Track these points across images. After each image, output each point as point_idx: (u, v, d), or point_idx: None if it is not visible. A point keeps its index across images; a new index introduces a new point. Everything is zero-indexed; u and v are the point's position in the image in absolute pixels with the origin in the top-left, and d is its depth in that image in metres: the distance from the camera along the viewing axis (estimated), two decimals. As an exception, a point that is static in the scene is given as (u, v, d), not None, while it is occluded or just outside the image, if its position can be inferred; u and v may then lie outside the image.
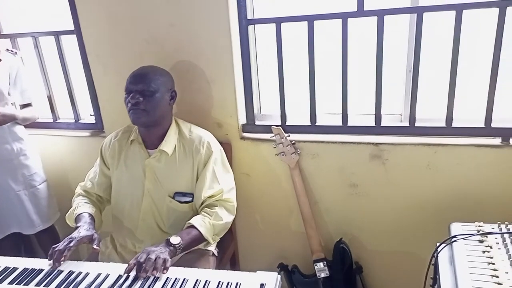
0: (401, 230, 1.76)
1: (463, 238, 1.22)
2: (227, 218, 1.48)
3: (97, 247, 1.32)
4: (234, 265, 1.99)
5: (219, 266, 1.67)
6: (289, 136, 1.75)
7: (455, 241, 1.24)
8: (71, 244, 1.29)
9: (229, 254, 1.87)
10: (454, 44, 1.50)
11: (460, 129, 1.61)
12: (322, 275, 1.78)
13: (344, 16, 1.58)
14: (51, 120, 2.20)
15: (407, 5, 1.56)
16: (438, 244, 1.28)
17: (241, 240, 2.02)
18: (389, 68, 1.64)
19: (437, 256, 1.27)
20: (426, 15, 1.50)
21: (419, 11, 1.50)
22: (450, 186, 1.63)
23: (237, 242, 2.01)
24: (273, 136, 1.76)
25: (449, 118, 1.61)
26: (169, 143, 1.49)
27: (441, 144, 1.60)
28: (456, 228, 1.30)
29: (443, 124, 1.62)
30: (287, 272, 1.89)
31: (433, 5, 1.49)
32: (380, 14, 1.54)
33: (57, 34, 2.01)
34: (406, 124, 1.67)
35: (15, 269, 1.29)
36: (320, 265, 1.78)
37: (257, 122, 1.87)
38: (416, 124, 1.65)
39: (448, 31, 1.51)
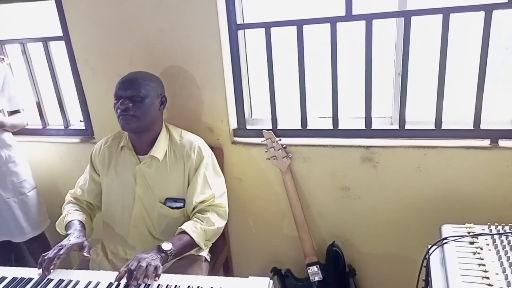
0: (393, 232, 1.76)
1: (454, 240, 1.23)
2: (219, 223, 1.47)
3: (87, 255, 1.31)
4: (227, 270, 1.98)
5: (212, 271, 1.66)
6: (280, 140, 1.75)
7: (446, 243, 1.25)
8: (61, 252, 1.27)
9: (222, 259, 1.86)
10: (442, 47, 1.52)
11: (449, 131, 1.62)
12: (316, 278, 1.78)
13: (333, 21, 1.59)
14: (40, 127, 2.18)
15: (395, 9, 1.57)
16: (429, 246, 1.29)
17: (234, 245, 2.02)
18: (378, 72, 1.65)
19: (428, 258, 1.27)
20: (414, 19, 1.51)
21: (406, 15, 1.52)
22: (440, 188, 1.64)
23: (230, 247, 2.00)
24: (264, 140, 1.76)
25: (438, 121, 1.62)
26: (160, 149, 1.48)
27: (431, 146, 1.61)
28: (447, 230, 1.31)
29: (433, 127, 1.64)
30: (280, 276, 1.88)
31: (420, 9, 1.51)
32: (368, 19, 1.55)
33: (45, 40, 1.99)
34: (396, 127, 1.68)
35: (3, 278, 1.27)
36: (313, 268, 1.78)
37: (248, 127, 1.87)
38: (406, 127, 1.66)
39: (436, 35, 1.53)
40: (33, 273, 1.28)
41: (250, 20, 1.75)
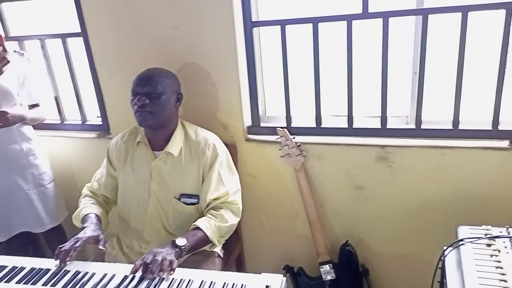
0: (407, 232, 1.75)
1: (470, 242, 1.21)
2: (233, 220, 1.48)
3: (102, 248, 1.33)
4: (239, 266, 1.99)
5: (225, 267, 1.67)
6: (294, 138, 1.75)
7: (462, 244, 1.23)
8: (77, 244, 1.30)
9: (234, 256, 1.87)
10: (460, 46, 1.50)
11: (467, 131, 1.60)
12: (328, 277, 1.78)
13: (349, 18, 1.58)
14: (58, 122, 2.22)
15: (412, 7, 1.55)
16: (445, 248, 1.27)
17: (247, 242, 2.02)
18: (394, 70, 1.63)
19: (444, 259, 1.26)
20: (431, 17, 1.49)
21: (424, 13, 1.50)
22: (457, 189, 1.61)
23: (242, 244, 2.01)
24: (278, 138, 1.76)
25: (455, 121, 1.60)
26: (175, 145, 1.49)
27: (448, 146, 1.59)
28: (464, 231, 1.29)
29: (450, 127, 1.62)
30: (292, 274, 1.88)
31: (438, 7, 1.48)
32: (385, 16, 1.54)
33: (63, 37, 2.02)
34: (413, 126, 1.66)
35: (22, 268, 1.30)
36: (326, 267, 1.78)
37: (262, 124, 1.87)
38: (423, 126, 1.64)
39: (454, 33, 1.50)
40: (50, 264, 1.31)
41: (265, 18, 1.75)
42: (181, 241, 1.32)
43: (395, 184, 1.69)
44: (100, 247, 1.33)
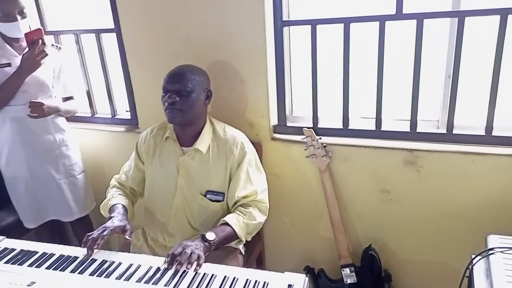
0: (434, 239, 1.71)
1: (501, 252, 1.18)
2: (260, 218, 1.49)
3: (129, 238, 1.36)
4: (260, 265, 2.00)
5: (246, 265, 1.68)
6: (320, 138, 1.74)
7: (492, 253, 1.20)
8: (105, 233, 1.33)
9: (255, 254, 1.88)
10: (497, 50, 1.45)
11: (500, 138, 1.55)
12: (349, 281, 1.76)
13: (382, 19, 1.56)
14: (89, 115, 2.29)
15: (448, 9, 1.52)
16: (473, 256, 1.24)
17: (268, 241, 2.03)
18: (426, 73, 1.60)
19: (472, 268, 1.23)
20: (468, 19, 1.45)
21: (460, 16, 1.46)
22: (487, 197, 1.57)
23: (264, 242, 2.02)
24: (304, 138, 1.75)
25: (489, 126, 1.55)
26: (203, 142, 1.51)
27: (479, 153, 1.55)
28: (494, 240, 1.25)
29: (483, 133, 1.57)
30: (313, 276, 1.87)
31: (476, 10, 1.44)
32: (420, 18, 1.51)
33: (98, 32, 2.08)
34: (443, 131, 1.63)
35: (52, 255, 1.34)
36: (348, 270, 1.76)
37: (288, 124, 1.87)
38: (454, 132, 1.60)
39: (490, 36, 1.46)
40: (78, 252, 1.35)
41: (295, 17, 1.75)
42: (210, 235, 1.33)
43: (422, 189, 1.66)
44: (127, 236, 1.36)
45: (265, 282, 1.16)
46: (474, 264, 1.23)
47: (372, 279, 1.76)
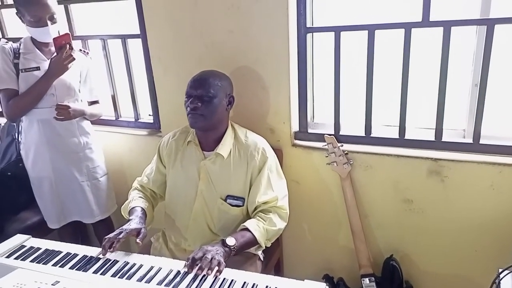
0: (458, 252, 1.67)
1: (530, 267, 1.14)
2: (280, 224, 1.49)
3: (139, 241, 1.35)
4: (278, 271, 1.99)
5: (264, 271, 1.68)
6: (342, 145, 1.72)
7: (520, 268, 1.17)
8: (121, 236, 1.35)
9: (274, 260, 1.87)
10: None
11: (529, 148, 1.50)
12: (369, 291, 1.73)
13: (408, 26, 1.54)
14: (114, 118, 2.33)
15: (475, 16, 1.49)
16: (500, 270, 1.20)
17: (287, 248, 2.02)
18: (451, 81, 1.57)
19: (499, 283, 1.19)
20: (497, 27, 1.42)
21: (490, 23, 1.43)
22: (515, 209, 1.52)
23: (282, 249, 2.00)
24: (325, 145, 1.74)
25: (517, 137, 1.51)
26: (225, 147, 1.52)
27: (507, 163, 1.51)
28: (522, 254, 1.21)
29: (510, 143, 1.53)
30: (332, 285, 1.85)
31: (506, 17, 1.41)
32: (447, 25, 1.48)
33: (124, 37, 2.12)
34: (470, 140, 1.59)
35: (75, 255, 1.37)
36: (368, 280, 1.73)
37: (309, 130, 1.86)
38: (481, 141, 1.56)
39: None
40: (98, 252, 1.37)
41: (319, 24, 1.74)
42: (231, 241, 1.34)
43: (447, 200, 1.62)
44: (138, 240, 1.35)
45: (285, 290, 1.15)
46: (501, 279, 1.20)
47: (393, 290, 1.73)
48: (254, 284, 1.18)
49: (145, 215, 1.52)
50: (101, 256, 1.34)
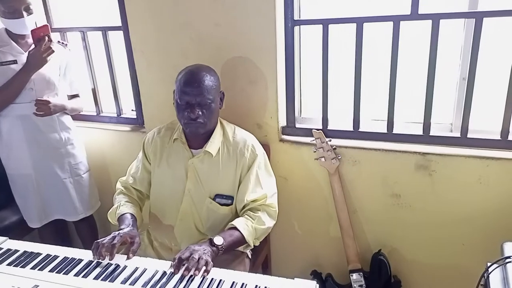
0: (445, 246, 1.67)
1: (519, 260, 1.14)
2: (269, 223, 1.46)
3: (131, 255, 1.28)
4: (266, 268, 1.96)
5: (252, 268, 1.65)
6: (330, 140, 1.70)
7: (509, 262, 1.16)
8: (115, 241, 1.28)
9: (262, 258, 1.85)
10: (515, 52, 1.41)
11: (516, 142, 1.51)
12: (358, 286, 1.72)
13: (397, 19, 1.52)
14: (95, 113, 2.26)
15: (464, 9, 1.48)
16: (489, 264, 1.20)
17: (275, 245, 1.99)
18: (439, 75, 1.56)
19: (487, 276, 1.19)
20: (486, 20, 1.41)
21: (478, 16, 1.42)
22: (502, 203, 1.53)
23: (270, 246, 1.98)
24: (313, 140, 1.72)
25: (504, 130, 1.51)
26: (214, 145, 1.47)
27: (494, 157, 1.51)
28: (510, 248, 1.21)
29: (498, 137, 1.53)
30: (320, 280, 1.84)
31: (495, 11, 1.40)
32: (436, 18, 1.47)
33: (104, 30, 2.05)
34: (457, 134, 1.59)
35: (56, 257, 1.31)
36: (357, 276, 1.73)
37: (297, 125, 1.83)
38: (468, 135, 1.56)
39: (505, 37, 1.42)
40: (83, 254, 1.31)
41: (306, 17, 1.71)
42: (218, 240, 1.30)
43: (434, 194, 1.62)
44: (130, 255, 1.28)
45: (274, 289, 1.13)
46: (490, 273, 1.19)
47: (381, 284, 1.73)
48: (243, 284, 1.15)
49: (136, 221, 1.47)
50: (87, 259, 1.28)
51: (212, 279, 1.18)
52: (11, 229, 2.07)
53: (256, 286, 1.14)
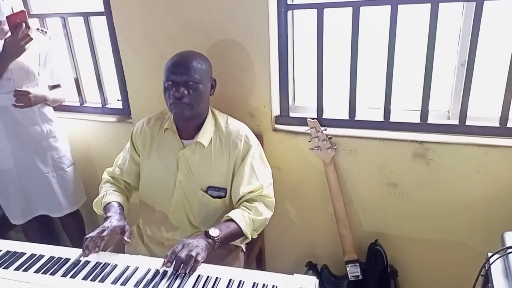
0: (443, 235, 1.65)
1: (523, 251, 1.12)
2: (267, 214, 1.41)
3: (128, 239, 1.27)
4: (260, 260, 1.92)
5: (247, 261, 1.61)
6: (325, 130, 1.66)
7: (511, 252, 1.14)
8: (104, 234, 1.24)
9: (256, 250, 1.80)
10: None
11: (515, 129, 1.49)
12: (354, 277, 1.70)
13: (394, 2, 1.46)
14: (78, 104, 2.16)
15: (464, -8, 1.43)
16: (490, 255, 1.18)
17: (269, 237, 1.95)
18: (436, 61, 1.52)
19: (489, 267, 1.17)
20: (487, 4, 1.37)
21: (479, 0, 1.37)
22: (501, 191, 1.51)
23: (264, 239, 1.94)
24: (308, 129, 1.67)
25: (503, 117, 1.49)
26: (206, 135, 1.42)
27: (493, 145, 1.48)
28: (511, 238, 1.19)
29: (497, 124, 1.50)
30: (315, 272, 1.81)
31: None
32: (435, 2, 1.42)
33: (86, 15, 1.95)
34: (455, 122, 1.55)
35: (41, 256, 1.25)
36: (353, 267, 1.70)
37: (291, 114, 1.78)
38: (467, 123, 1.53)
39: (505, 22, 1.38)
40: (70, 253, 1.25)
41: (300, 1, 1.64)
42: (214, 232, 1.25)
43: (432, 183, 1.60)
44: (126, 238, 1.27)
45: (274, 286, 1.08)
46: (491, 263, 1.17)
47: (378, 274, 1.71)
48: (240, 281, 1.11)
49: (123, 210, 1.41)
50: (81, 258, 1.22)
51: (208, 277, 1.13)
52: (-8, 226, 1.99)
53: (254, 283, 1.10)
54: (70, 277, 1.15)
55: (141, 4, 1.72)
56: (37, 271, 1.18)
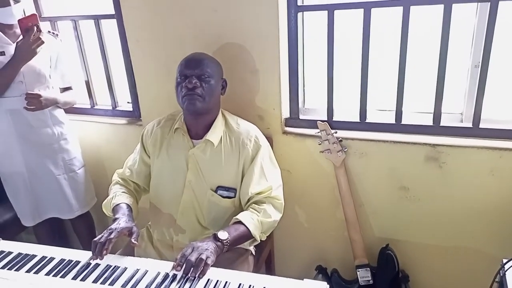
0: (457, 240, 1.62)
1: (540, 258, 1.09)
2: (276, 216, 1.40)
3: (135, 242, 1.27)
4: (269, 264, 1.91)
5: (256, 265, 1.60)
6: (336, 132, 1.64)
7: (527, 259, 1.12)
8: (112, 236, 1.24)
9: (265, 254, 1.79)
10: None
11: (530, 132, 1.45)
12: (364, 282, 1.68)
13: (407, 4, 1.44)
14: (89, 106, 2.18)
15: (478, -7, 1.41)
16: (505, 261, 1.15)
17: (278, 240, 1.94)
18: (449, 62, 1.49)
19: (504, 273, 1.14)
20: (501, 4, 1.34)
21: (493, 0, 1.35)
22: (515, 196, 1.48)
23: (273, 242, 1.92)
24: (318, 132, 1.65)
25: (518, 120, 1.45)
26: (215, 134, 1.42)
27: (507, 148, 1.45)
28: (528, 244, 1.17)
29: (511, 127, 1.47)
30: (325, 276, 1.79)
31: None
32: (448, 3, 1.39)
33: (97, 18, 1.96)
34: (469, 124, 1.53)
35: (51, 259, 1.25)
36: (363, 271, 1.68)
37: (301, 116, 1.76)
38: (480, 126, 1.50)
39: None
40: (80, 255, 1.25)
41: (311, 2, 1.63)
42: (223, 235, 1.24)
43: (445, 187, 1.57)
44: (133, 240, 1.27)
45: (284, 291, 1.07)
46: (506, 270, 1.15)
47: (389, 279, 1.68)
48: (250, 286, 1.10)
49: (132, 211, 1.42)
50: (91, 261, 1.23)
51: (218, 281, 1.12)
52: (5, 227, 2.01)
53: (264, 288, 1.09)
54: (81, 280, 1.15)
55: (150, 6, 1.72)
56: (48, 274, 1.19)
